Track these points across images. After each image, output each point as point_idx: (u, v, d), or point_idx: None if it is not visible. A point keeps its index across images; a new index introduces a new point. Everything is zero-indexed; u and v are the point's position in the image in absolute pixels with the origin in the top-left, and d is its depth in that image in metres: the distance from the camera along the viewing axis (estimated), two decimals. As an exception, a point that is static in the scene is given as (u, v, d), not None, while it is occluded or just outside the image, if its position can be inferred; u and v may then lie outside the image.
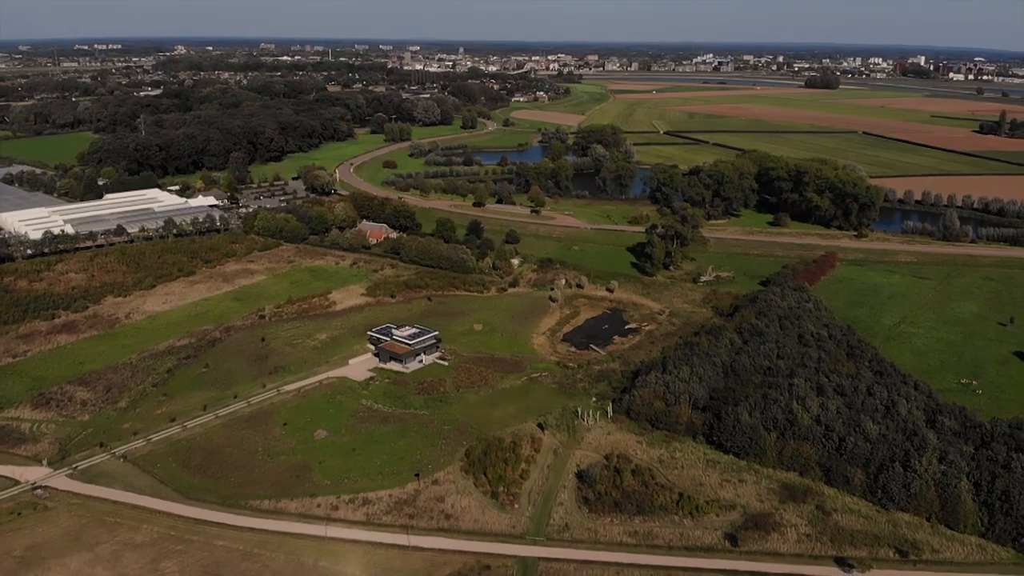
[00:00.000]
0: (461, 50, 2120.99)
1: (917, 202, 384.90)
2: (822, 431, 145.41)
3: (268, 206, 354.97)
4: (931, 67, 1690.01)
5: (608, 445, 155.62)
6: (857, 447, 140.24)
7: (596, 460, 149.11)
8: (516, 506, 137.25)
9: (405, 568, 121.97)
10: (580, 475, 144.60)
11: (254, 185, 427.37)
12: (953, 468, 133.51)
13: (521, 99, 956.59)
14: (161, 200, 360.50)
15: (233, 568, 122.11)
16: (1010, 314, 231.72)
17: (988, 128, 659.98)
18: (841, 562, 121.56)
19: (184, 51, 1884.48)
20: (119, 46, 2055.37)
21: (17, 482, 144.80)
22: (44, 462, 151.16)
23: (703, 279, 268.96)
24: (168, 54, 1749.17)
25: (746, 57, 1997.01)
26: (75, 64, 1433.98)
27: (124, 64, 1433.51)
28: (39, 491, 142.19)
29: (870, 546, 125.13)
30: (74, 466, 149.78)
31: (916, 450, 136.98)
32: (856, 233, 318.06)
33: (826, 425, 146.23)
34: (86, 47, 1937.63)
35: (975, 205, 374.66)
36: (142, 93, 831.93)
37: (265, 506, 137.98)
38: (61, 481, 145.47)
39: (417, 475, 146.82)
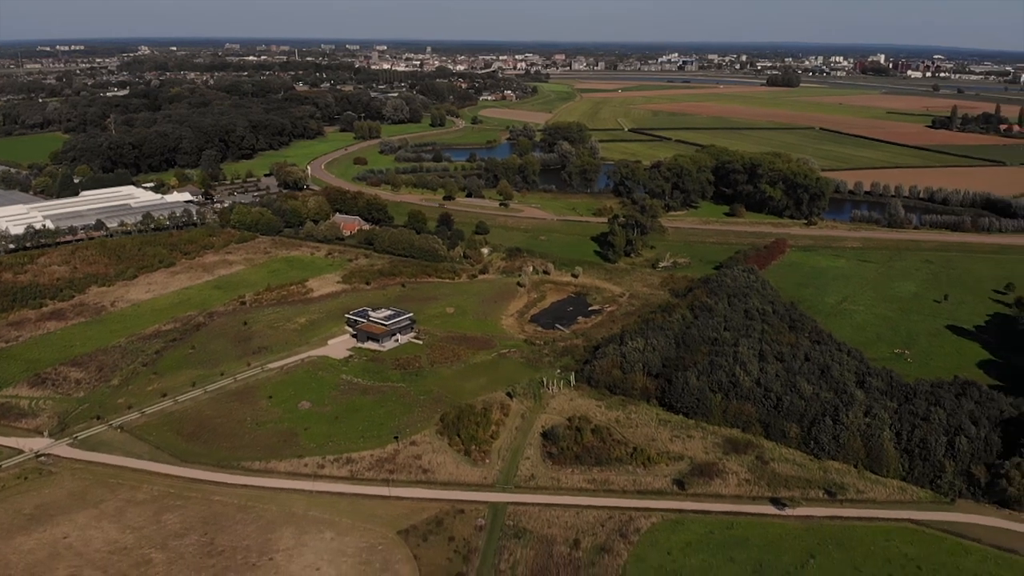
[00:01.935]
0: (428, 49, 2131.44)
1: (867, 193, 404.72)
2: (762, 392, 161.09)
3: (243, 202, 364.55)
4: (890, 65, 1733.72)
5: (571, 409, 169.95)
6: (793, 405, 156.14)
7: (560, 422, 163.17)
8: (487, 461, 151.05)
9: (388, 514, 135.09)
10: (545, 434, 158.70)
11: (227, 182, 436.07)
12: (877, 420, 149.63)
13: (489, 98, 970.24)
14: (137, 196, 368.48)
15: (230, 519, 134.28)
16: (945, 292, 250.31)
17: (940, 123, 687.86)
18: (775, 501, 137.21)
19: (148, 51, 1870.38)
20: (82, 47, 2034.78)
21: (21, 451, 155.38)
22: (45, 433, 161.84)
23: (661, 265, 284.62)
24: (132, 54, 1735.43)
25: (710, 56, 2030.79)
26: (39, 66, 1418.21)
27: (88, 65, 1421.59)
28: (43, 458, 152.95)
29: (802, 488, 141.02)
30: (74, 436, 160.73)
31: (845, 406, 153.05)
32: (806, 221, 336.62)
33: (765, 387, 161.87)
34: (48, 48, 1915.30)
35: (921, 195, 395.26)
36: (109, 93, 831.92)
37: (256, 466, 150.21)
38: (63, 450, 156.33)
39: (396, 437, 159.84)
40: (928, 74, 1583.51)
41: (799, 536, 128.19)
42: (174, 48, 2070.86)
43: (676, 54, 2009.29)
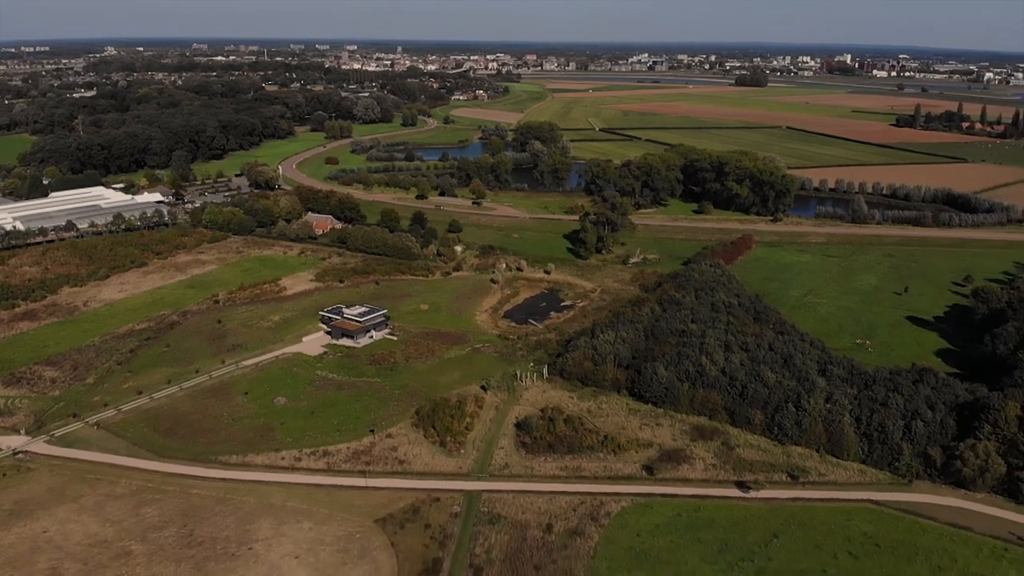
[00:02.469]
0: (399, 49, 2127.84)
1: (831, 190, 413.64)
2: (728, 381, 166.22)
3: (214, 202, 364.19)
4: (856, 65, 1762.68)
5: (544, 400, 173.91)
6: (757, 392, 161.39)
7: (533, 413, 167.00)
8: (462, 452, 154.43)
9: (365, 504, 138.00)
10: (519, 425, 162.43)
11: (198, 182, 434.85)
12: (838, 406, 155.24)
13: (461, 97, 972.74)
14: (107, 197, 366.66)
15: (208, 511, 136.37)
16: (905, 285, 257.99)
17: (904, 121, 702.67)
18: (741, 485, 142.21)
19: (115, 52, 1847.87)
20: (47, 48, 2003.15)
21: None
22: (22, 431, 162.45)
23: (632, 261, 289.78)
24: (99, 55, 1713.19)
25: (680, 56, 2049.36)
26: (3, 67, 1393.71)
27: (54, 66, 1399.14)
28: (20, 455, 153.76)
29: (766, 472, 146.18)
30: (51, 434, 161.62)
31: (807, 393, 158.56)
32: (772, 218, 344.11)
33: (731, 376, 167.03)
34: (13, 50, 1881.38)
35: (884, 191, 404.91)
36: (76, 95, 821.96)
37: (233, 460, 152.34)
38: (40, 447, 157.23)
39: (372, 431, 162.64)
40: (893, 74, 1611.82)
41: (763, 517, 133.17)
42: (141, 48, 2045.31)
43: (646, 54, 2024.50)
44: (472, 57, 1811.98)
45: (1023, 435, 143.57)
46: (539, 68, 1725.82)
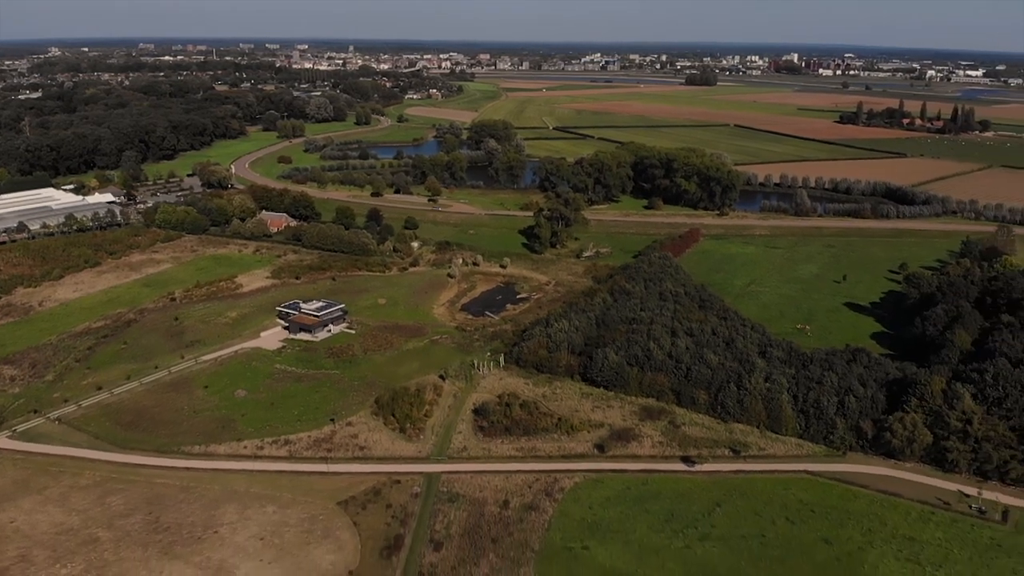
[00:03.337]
0: (351, 48, 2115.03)
1: (776, 184, 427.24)
2: (674, 363, 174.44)
3: (167, 201, 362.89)
4: (803, 64, 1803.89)
5: (500, 387, 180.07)
6: (701, 374, 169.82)
7: (490, 399, 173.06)
8: (421, 437, 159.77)
9: (328, 488, 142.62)
10: (476, 411, 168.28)
11: (149, 183, 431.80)
12: (776, 385, 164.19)
13: (415, 96, 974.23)
14: (58, 198, 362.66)
15: (173, 498, 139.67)
16: (844, 273, 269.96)
17: (847, 118, 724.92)
18: (686, 459, 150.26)
19: (59, 53, 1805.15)
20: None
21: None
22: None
23: (585, 255, 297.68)
24: (43, 56, 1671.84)
25: (632, 56, 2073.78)
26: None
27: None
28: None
29: (710, 448, 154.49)
30: (13, 429, 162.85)
31: (748, 373, 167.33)
32: (719, 212, 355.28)
33: (677, 359, 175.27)
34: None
35: (826, 185, 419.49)
36: (22, 96, 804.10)
37: (196, 451, 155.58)
38: (2, 442, 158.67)
39: (332, 420, 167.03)
40: (839, 72, 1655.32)
41: (706, 488, 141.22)
42: (86, 49, 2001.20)
43: (599, 54, 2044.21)
44: (425, 56, 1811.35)
45: (948, 407, 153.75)
46: (493, 67, 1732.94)
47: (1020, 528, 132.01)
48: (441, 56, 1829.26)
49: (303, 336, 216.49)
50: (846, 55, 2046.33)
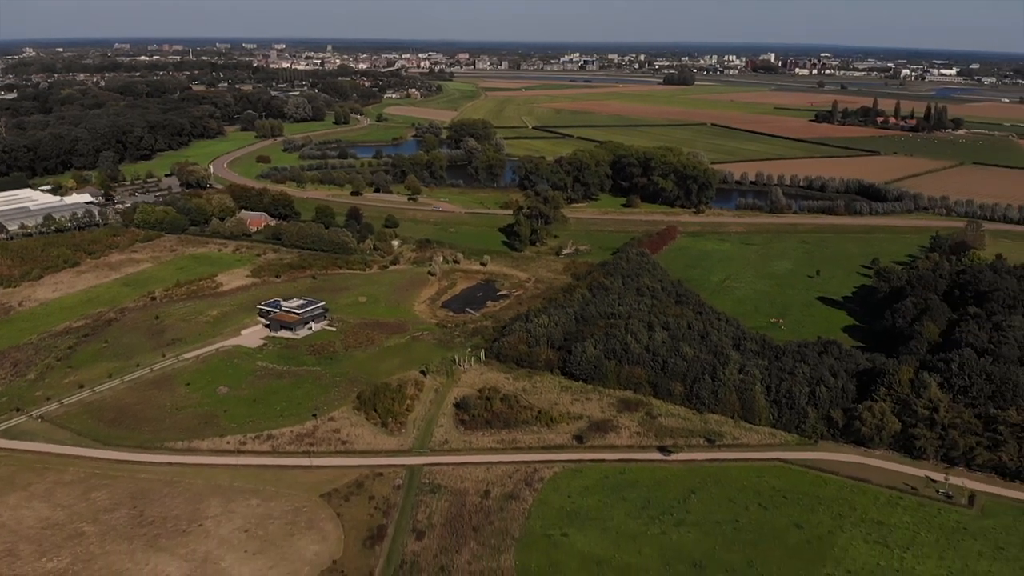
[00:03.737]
0: (329, 48, 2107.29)
1: (752, 182, 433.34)
2: (651, 357, 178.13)
3: (146, 201, 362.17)
4: (780, 63, 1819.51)
5: (481, 382, 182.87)
6: (677, 366, 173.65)
7: (471, 393, 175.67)
8: (403, 431, 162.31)
9: (310, 481, 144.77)
10: (457, 404, 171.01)
11: (127, 183, 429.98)
12: (750, 376, 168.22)
13: (394, 96, 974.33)
14: (35, 199, 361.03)
15: (158, 493, 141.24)
16: (817, 268, 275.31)
17: (822, 117, 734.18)
18: (662, 449, 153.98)
19: (34, 53, 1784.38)
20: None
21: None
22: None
23: (564, 252, 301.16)
24: (17, 57, 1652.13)
25: (611, 56, 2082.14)
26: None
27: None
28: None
29: (686, 437, 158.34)
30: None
31: (722, 365, 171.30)
32: (695, 210, 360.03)
33: (653, 352, 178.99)
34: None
35: (801, 183, 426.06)
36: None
37: (179, 446, 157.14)
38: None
39: (314, 415, 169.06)
40: (815, 71, 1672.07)
41: (682, 477, 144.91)
42: (60, 49, 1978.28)
43: (578, 54, 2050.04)
44: (404, 56, 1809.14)
45: (915, 396, 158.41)
46: (472, 67, 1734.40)
47: (986, 512, 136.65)
48: (420, 56, 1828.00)
49: (284, 334, 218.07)
50: (822, 55, 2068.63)
